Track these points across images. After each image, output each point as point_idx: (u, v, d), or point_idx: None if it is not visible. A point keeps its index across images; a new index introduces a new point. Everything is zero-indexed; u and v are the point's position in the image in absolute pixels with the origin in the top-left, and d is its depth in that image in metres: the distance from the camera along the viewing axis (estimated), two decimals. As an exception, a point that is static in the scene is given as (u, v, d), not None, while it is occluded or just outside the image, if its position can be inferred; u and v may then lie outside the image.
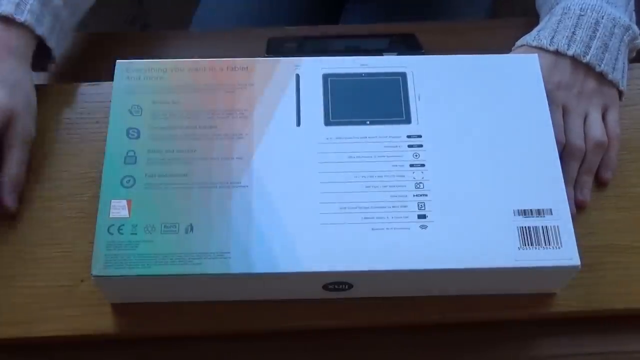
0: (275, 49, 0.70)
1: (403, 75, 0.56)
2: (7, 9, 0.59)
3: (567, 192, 0.52)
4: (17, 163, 0.57)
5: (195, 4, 0.94)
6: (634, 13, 0.66)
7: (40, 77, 0.67)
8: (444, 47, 0.69)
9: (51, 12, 0.63)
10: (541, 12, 0.69)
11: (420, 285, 0.52)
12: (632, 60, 0.67)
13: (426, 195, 0.51)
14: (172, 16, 1.29)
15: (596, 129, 0.60)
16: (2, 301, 0.53)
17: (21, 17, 0.60)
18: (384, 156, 0.53)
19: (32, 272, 0.54)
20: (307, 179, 0.52)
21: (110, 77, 0.56)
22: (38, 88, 0.62)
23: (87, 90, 0.65)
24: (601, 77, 0.61)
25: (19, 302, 0.53)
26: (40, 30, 0.61)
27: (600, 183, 0.60)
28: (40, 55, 0.64)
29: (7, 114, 0.57)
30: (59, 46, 0.65)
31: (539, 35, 0.63)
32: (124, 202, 0.50)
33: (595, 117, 0.60)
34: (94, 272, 0.48)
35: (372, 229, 0.50)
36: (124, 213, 0.50)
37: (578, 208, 0.58)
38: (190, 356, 0.53)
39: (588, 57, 0.60)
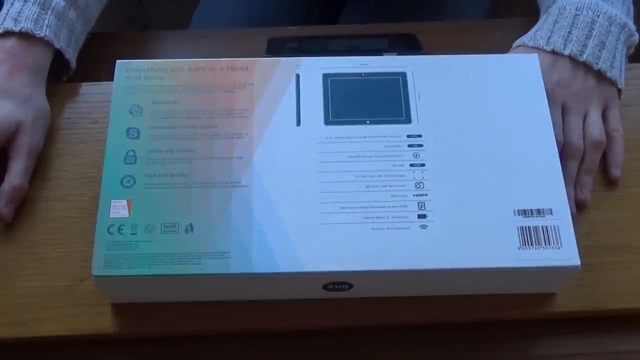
0: (275, 49, 0.70)
1: (403, 75, 0.56)
2: (26, 25, 0.61)
3: (567, 191, 0.52)
4: (19, 173, 0.57)
5: (195, 4, 0.94)
6: (632, 7, 0.65)
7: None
8: (444, 47, 0.69)
9: (67, 26, 0.64)
10: (541, 9, 0.69)
11: (420, 285, 0.52)
12: (631, 60, 0.67)
13: (426, 195, 0.51)
14: (172, 16, 1.29)
15: (594, 128, 0.60)
16: (2, 301, 0.53)
17: (41, 33, 0.61)
18: (384, 156, 0.53)
19: (32, 272, 0.54)
20: (307, 179, 0.52)
21: (110, 77, 0.56)
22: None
23: (87, 90, 0.65)
24: (600, 75, 0.61)
25: (19, 302, 0.53)
26: (59, 44, 0.63)
27: (610, 182, 0.59)
28: (56, 67, 0.65)
29: (13, 125, 0.58)
30: (74, 58, 0.66)
31: (535, 35, 0.63)
32: (124, 202, 0.50)
33: (594, 116, 0.60)
34: (94, 272, 0.48)
35: (372, 229, 0.50)
36: (124, 213, 0.50)
37: (578, 208, 0.58)
38: (189, 356, 0.53)
39: (585, 56, 0.60)
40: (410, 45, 0.71)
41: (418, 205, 0.51)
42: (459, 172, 0.52)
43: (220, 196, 0.51)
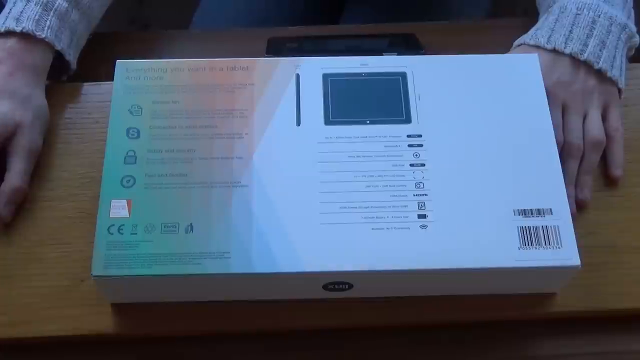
0: (275, 49, 0.70)
1: (403, 75, 0.56)
2: (27, 25, 0.61)
3: (567, 191, 0.52)
4: (19, 174, 0.57)
5: (195, 3, 0.94)
6: (632, 11, 0.65)
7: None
8: (444, 47, 0.69)
9: (68, 27, 0.64)
10: (540, 10, 0.69)
11: (420, 285, 0.52)
12: (632, 60, 0.67)
13: (426, 195, 0.51)
14: (172, 16, 1.29)
15: (594, 128, 0.60)
16: (3, 301, 0.53)
17: (42, 34, 0.61)
18: (384, 156, 0.53)
19: (32, 272, 0.54)
20: (307, 179, 0.52)
21: (110, 77, 0.56)
22: (38, 88, 0.62)
23: (87, 90, 0.65)
24: (601, 75, 0.61)
25: (19, 302, 0.53)
26: (59, 46, 0.63)
27: (611, 182, 0.59)
28: (56, 66, 0.65)
29: (11, 125, 0.58)
30: (75, 59, 0.66)
31: (536, 34, 0.63)
32: (124, 202, 0.50)
33: (594, 116, 0.60)
34: (94, 272, 0.48)
35: (372, 229, 0.50)
36: (124, 213, 0.50)
37: (578, 208, 0.58)
38: (190, 356, 0.53)
39: (585, 55, 0.60)
40: (410, 45, 0.71)
41: (418, 205, 0.51)
42: (459, 172, 0.52)
43: (220, 196, 0.51)
